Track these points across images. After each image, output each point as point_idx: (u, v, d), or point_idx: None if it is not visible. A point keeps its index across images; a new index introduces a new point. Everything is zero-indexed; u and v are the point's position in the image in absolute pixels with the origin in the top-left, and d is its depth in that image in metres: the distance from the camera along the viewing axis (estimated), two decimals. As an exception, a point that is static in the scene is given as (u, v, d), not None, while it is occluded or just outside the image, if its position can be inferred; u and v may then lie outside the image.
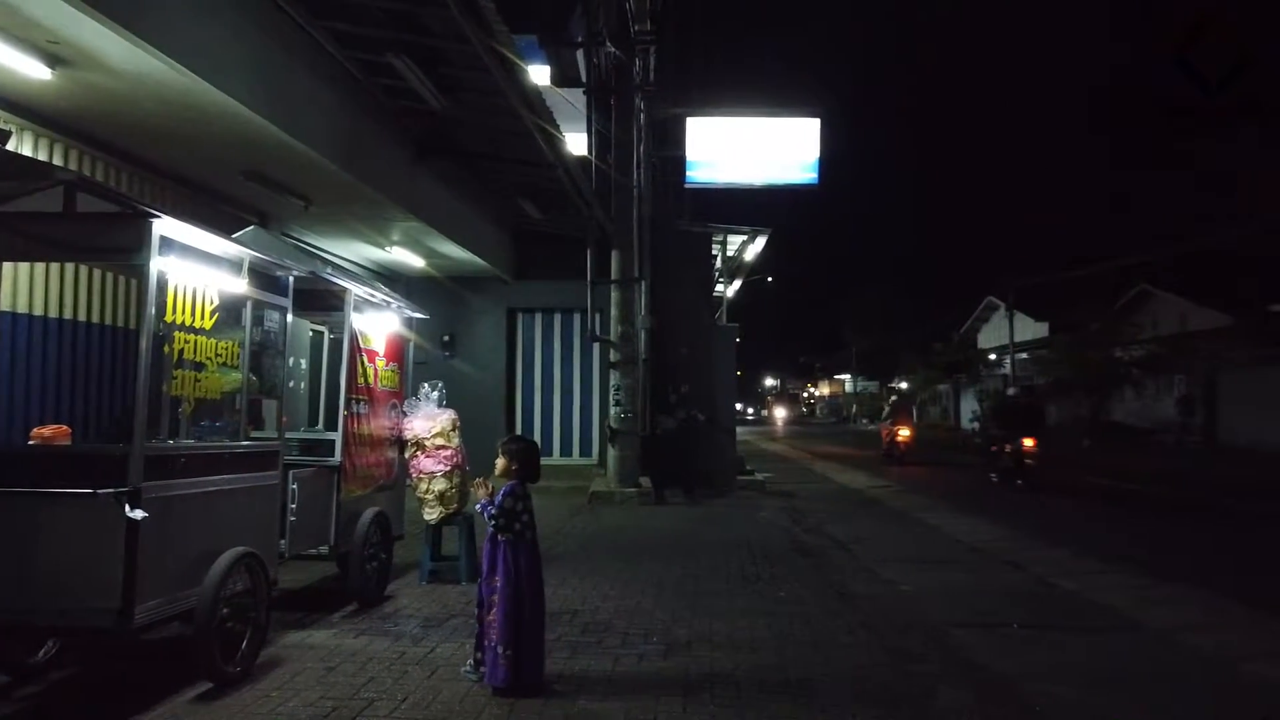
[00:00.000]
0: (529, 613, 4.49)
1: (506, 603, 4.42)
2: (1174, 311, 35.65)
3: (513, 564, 4.48)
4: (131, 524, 4.02)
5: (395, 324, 7.41)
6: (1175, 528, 11.75)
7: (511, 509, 4.54)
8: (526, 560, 4.55)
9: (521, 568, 4.51)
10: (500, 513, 4.51)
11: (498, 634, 4.40)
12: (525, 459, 4.71)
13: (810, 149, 17.26)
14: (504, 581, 4.46)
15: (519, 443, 4.81)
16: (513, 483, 4.63)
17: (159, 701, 4.27)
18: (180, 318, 4.52)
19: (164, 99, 7.02)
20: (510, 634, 4.39)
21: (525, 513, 4.59)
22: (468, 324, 17.11)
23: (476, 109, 10.80)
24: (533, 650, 4.50)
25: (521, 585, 4.48)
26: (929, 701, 4.46)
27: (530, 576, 4.55)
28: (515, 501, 4.57)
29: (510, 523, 4.52)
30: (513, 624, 4.41)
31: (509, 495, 4.57)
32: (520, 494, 4.61)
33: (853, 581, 7.61)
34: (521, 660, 4.41)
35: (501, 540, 4.51)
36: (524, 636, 4.44)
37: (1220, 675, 5.34)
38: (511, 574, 4.47)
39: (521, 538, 4.55)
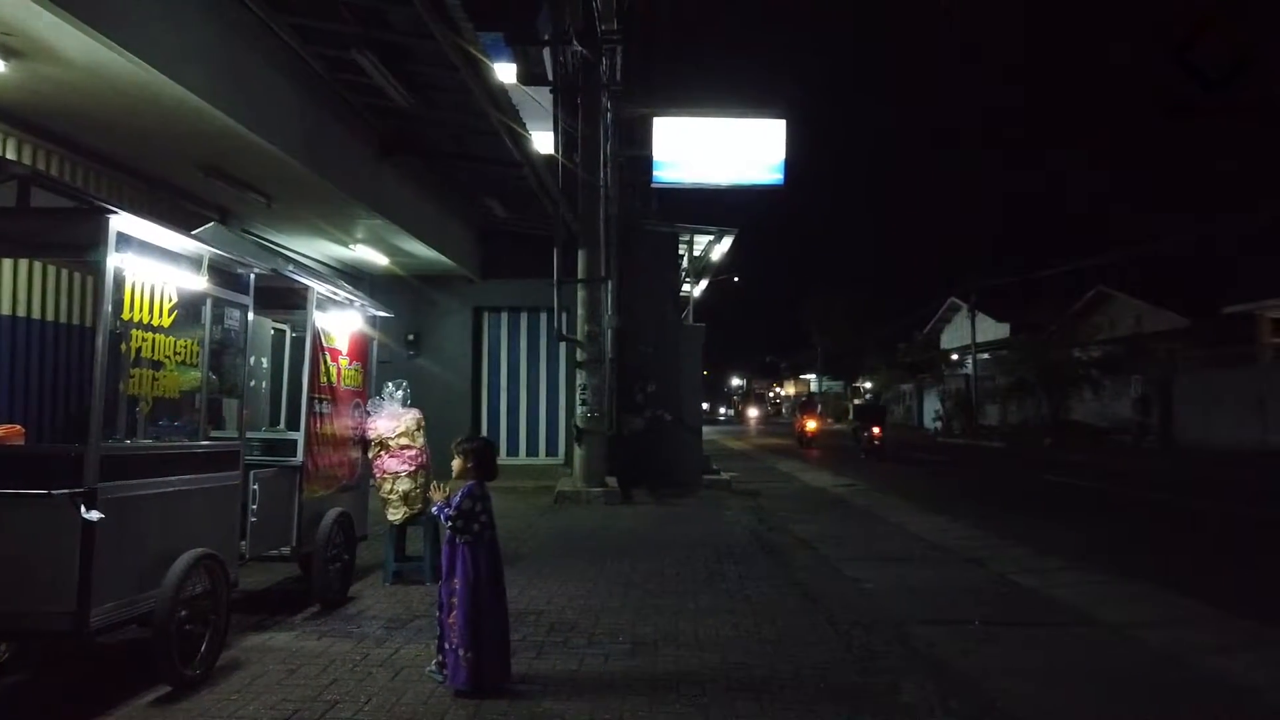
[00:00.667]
0: (490, 614, 4.47)
1: (467, 605, 4.39)
2: (1130, 313, 36.40)
3: (472, 566, 4.46)
4: (87, 525, 3.94)
5: (359, 322, 7.34)
6: (1129, 526, 11.98)
7: (470, 510, 4.52)
8: (487, 561, 4.52)
9: (482, 569, 4.48)
10: (458, 514, 4.49)
11: (458, 637, 4.37)
12: (481, 458, 4.69)
13: (776, 150, 17.38)
14: (463, 584, 4.43)
15: (474, 441, 4.79)
16: (470, 483, 4.60)
17: (116, 706, 4.20)
18: (138, 315, 4.44)
19: (121, 92, 6.89)
20: (471, 636, 4.36)
21: (484, 513, 4.57)
22: (433, 323, 17.00)
23: (442, 106, 10.72)
24: (496, 652, 4.48)
25: (482, 587, 4.46)
26: (892, 697, 4.50)
27: (491, 578, 4.53)
28: (474, 503, 4.54)
29: (469, 524, 4.50)
30: (473, 626, 4.38)
31: (467, 496, 4.54)
32: (479, 494, 4.58)
33: (817, 579, 7.67)
34: (483, 662, 4.39)
35: (460, 542, 4.48)
36: (485, 638, 4.41)
37: (1173, 670, 5.45)
38: (471, 576, 4.44)
39: (480, 539, 4.52)
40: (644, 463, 14.37)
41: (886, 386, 55.53)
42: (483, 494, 4.61)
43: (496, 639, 4.50)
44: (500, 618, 4.56)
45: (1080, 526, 11.68)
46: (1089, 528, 11.59)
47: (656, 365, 15.40)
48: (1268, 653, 5.79)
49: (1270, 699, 4.92)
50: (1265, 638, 6.09)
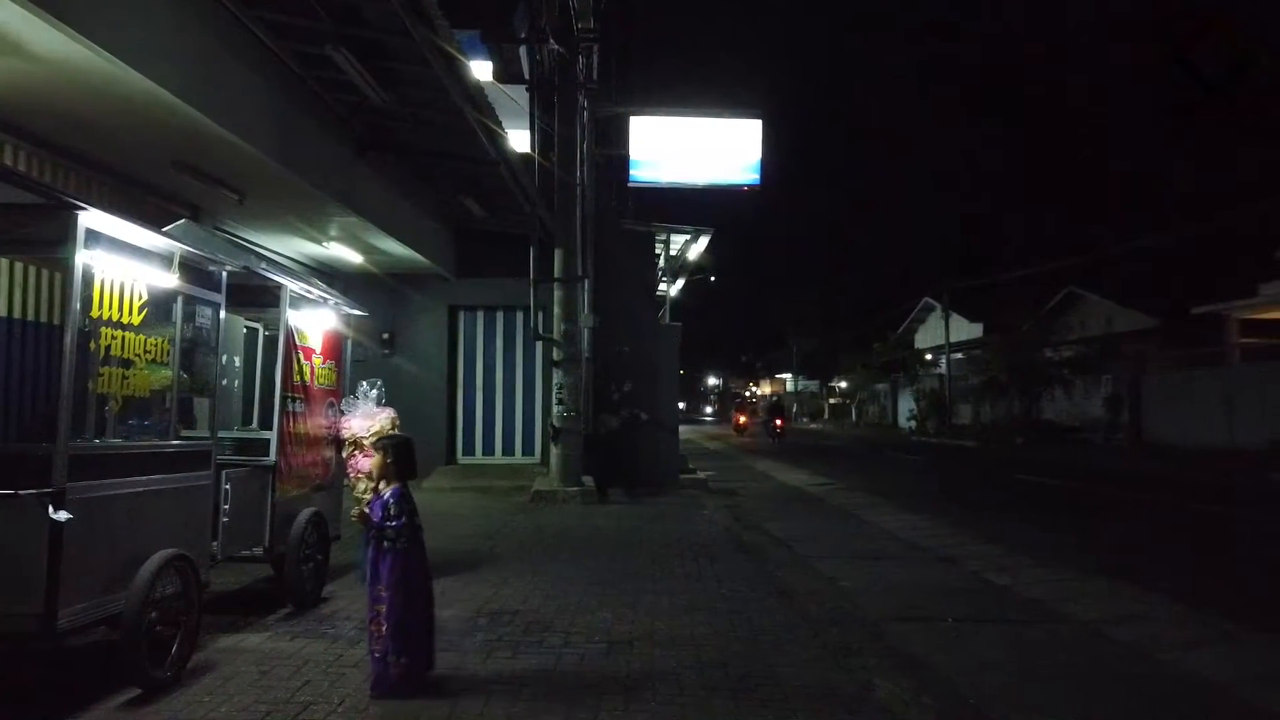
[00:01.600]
0: (421, 618, 4.47)
1: (401, 611, 4.37)
2: (1101, 314, 36.87)
3: (404, 571, 4.42)
4: (55, 526, 3.89)
5: (333, 321, 7.28)
6: (1098, 524, 12.14)
7: (411, 510, 4.50)
8: (418, 565, 4.51)
9: (414, 574, 4.47)
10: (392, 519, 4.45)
11: (391, 642, 4.35)
12: (401, 455, 4.65)
13: (752, 150, 17.43)
14: (398, 590, 4.39)
15: (394, 438, 4.78)
16: (396, 488, 4.56)
17: (84, 709, 4.14)
18: (107, 313, 4.38)
19: (91, 87, 6.78)
20: (403, 641, 4.35)
21: (414, 515, 4.55)
22: (408, 321, 16.88)
23: (418, 104, 10.65)
24: (424, 654, 4.49)
25: (415, 592, 4.45)
26: (867, 695, 4.54)
27: (421, 582, 4.52)
28: (408, 503, 4.52)
29: (401, 529, 4.46)
30: (407, 632, 4.37)
31: (397, 501, 4.50)
32: (406, 495, 4.55)
33: (793, 578, 7.71)
34: (414, 666, 4.39)
35: (393, 548, 4.43)
36: (416, 642, 4.42)
37: (1144, 665, 5.53)
38: (403, 581, 4.41)
39: (415, 542, 4.50)
40: (620, 462, 14.36)
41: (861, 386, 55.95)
42: (408, 495, 4.59)
43: (425, 642, 4.51)
44: (429, 621, 4.57)
45: (1051, 524, 11.81)
46: (1059, 526, 11.73)
47: (633, 364, 15.39)
48: (1236, 648, 5.89)
49: (1239, 693, 5.00)
50: (1233, 633, 6.19)
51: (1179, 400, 27.22)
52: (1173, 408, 27.47)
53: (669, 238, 18.41)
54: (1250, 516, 12.27)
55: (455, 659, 5.03)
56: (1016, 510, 13.45)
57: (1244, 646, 5.93)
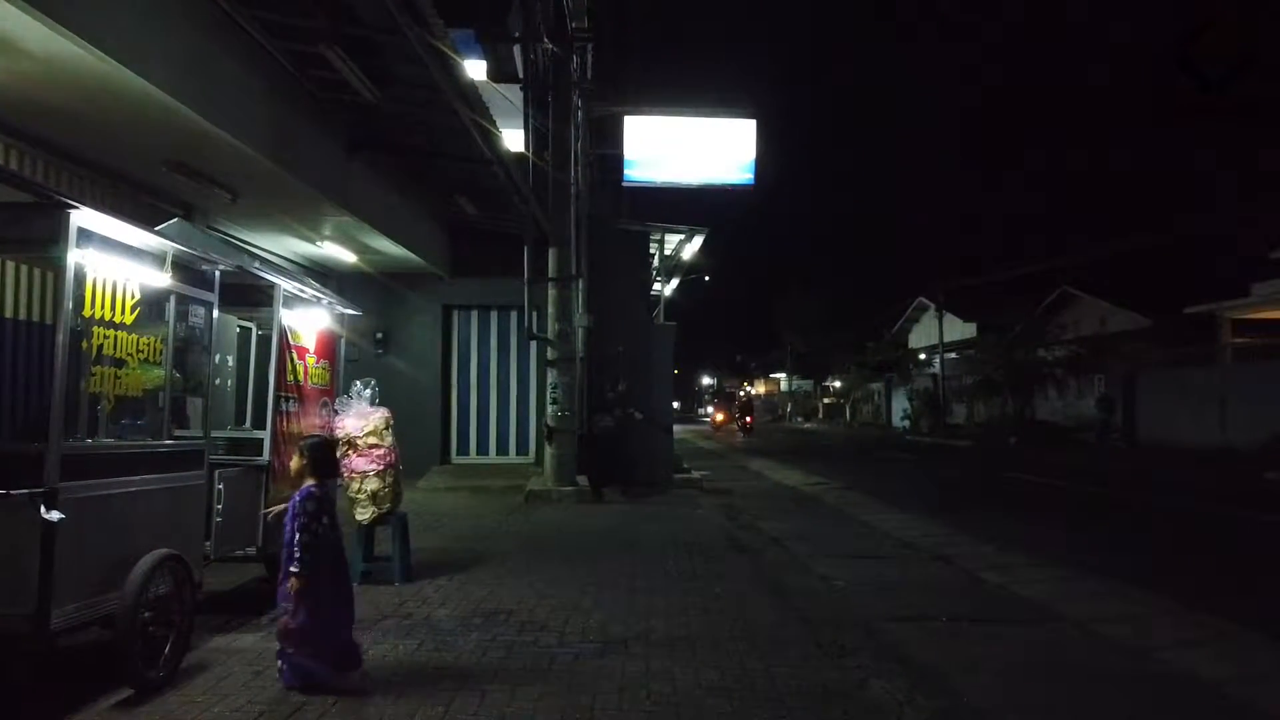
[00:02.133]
0: (329, 614, 4.46)
1: (308, 608, 4.38)
2: (1094, 313, 36.99)
3: (310, 567, 4.42)
4: (48, 526, 3.87)
5: (326, 320, 7.27)
6: (1091, 523, 12.17)
7: (314, 512, 4.49)
8: (330, 564, 4.52)
9: (323, 573, 4.46)
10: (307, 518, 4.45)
11: (296, 638, 4.37)
12: (316, 456, 4.68)
13: (747, 149, 17.43)
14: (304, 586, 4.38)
15: (311, 439, 4.82)
16: (309, 486, 4.57)
17: (78, 709, 4.13)
18: (99, 312, 4.36)
19: (82, 86, 6.76)
20: (309, 635, 4.37)
21: (325, 514, 4.55)
22: (402, 321, 16.86)
23: (412, 103, 10.63)
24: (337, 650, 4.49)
25: (323, 589, 4.44)
26: (861, 694, 4.54)
27: (332, 579, 4.53)
28: (316, 504, 4.52)
29: (310, 524, 4.46)
30: (314, 629, 4.38)
31: (308, 499, 4.51)
32: (319, 496, 4.56)
33: (787, 577, 7.71)
34: (323, 660, 4.40)
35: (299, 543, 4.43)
36: (327, 638, 4.42)
37: (1137, 664, 5.54)
38: (310, 578, 4.40)
39: (324, 540, 4.50)
40: (615, 461, 14.35)
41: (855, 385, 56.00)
42: (323, 495, 4.59)
43: (341, 635, 4.52)
44: (345, 614, 4.60)
45: (1044, 524, 11.84)
46: (1053, 525, 11.76)
47: (627, 364, 15.38)
48: (1229, 647, 5.91)
49: (1231, 691, 5.02)
50: (1226, 633, 6.21)
51: (1172, 400, 27.27)
52: (1166, 407, 27.53)
53: (663, 237, 18.40)
54: (1244, 516, 12.30)
55: (450, 658, 5.02)
56: (1010, 510, 13.48)
57: (1237, 646, 5.94)
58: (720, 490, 15.32)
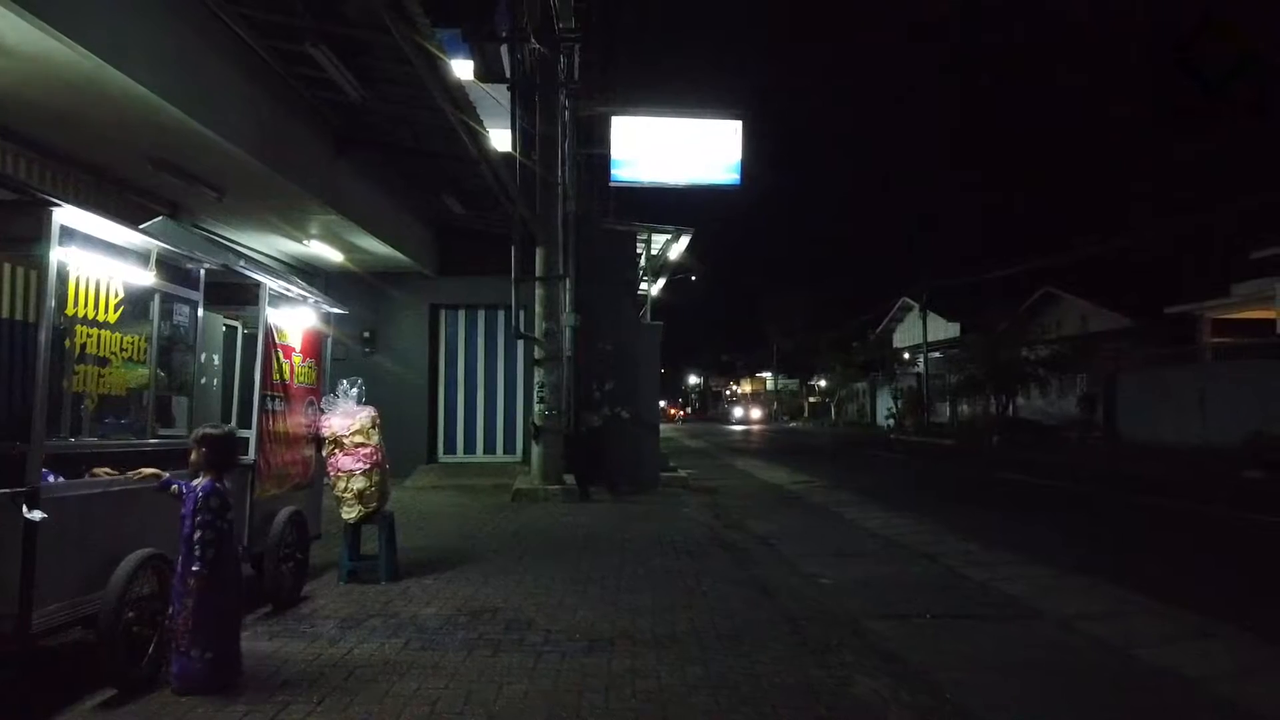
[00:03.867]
0: (227, 614, 4.46)
1: (207, 606, 4.35)
2: (1076, 313, 37.28)
3: (212, 566, 4.39)
4: (29, 525, 3.84)
5: (313, 319, 7.24)
6: (1073, 521, 12.27)
7: (219, 508, 4.45)
8: (227, 561, 4.49)
9: (223, 570, 4.44)
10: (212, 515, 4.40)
11: (194, 637, 4.32)
12: (218, 448, 4.57)
13: (733, 150, 17.48)
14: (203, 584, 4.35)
15: (213, 430, 4.65)
16: (208, 482, 4.49)
17: (59, 710, 4.10)
18: (83, 311, 4.35)
19: (66, 83, 6.72)
20: (208, 636, 4.33)
21: (228, 509, 4.51)
22: (389, 320, 16.82)
23: (399, 102, 10.61)
24: (231, 648, 4.48)
25: (227, 586, 4.44)
26: (847, 691, 4.57)
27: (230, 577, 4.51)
28: (221, 500, 4.47)
29: (215, 520, 4.41)
30: (214, 627, 4.36)
31: (212, 494, 4.45)
32: (222, 491, 4.50)
33: (773, 575, 7.74)
34: (219, 661, 4.37)
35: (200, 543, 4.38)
36: (224, 637, 4.41)
37: (1120, 661, 5.59)
38: (209, 577, 4.37)
39: (225, 537, 4.47)
40: (602, 460, 14.36)
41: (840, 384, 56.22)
42: (226, 490, 4.54)
43: (230, 637, 4.50)
44: (236, 615, 4.58)
45: (1027, 521, 11.93)
46: (1036, 523, 11.85)
47: (614, 363, 15.39)
48: (1212, 644, 5.97)
49: (1214, 688, 5.07)
50: (1209, 630, 6.27)
51: (1153, 399, 27.53)
52: (1147, 406, 27.79)
53: (650, 237, 18.43)
54: (1224, 513, 12.43)
55: (436, 657, 5.02)
56: (993, 507, 13.58)
57: (1219, 642, 6.01)
58: (707, 489, 15.35)
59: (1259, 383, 22.86)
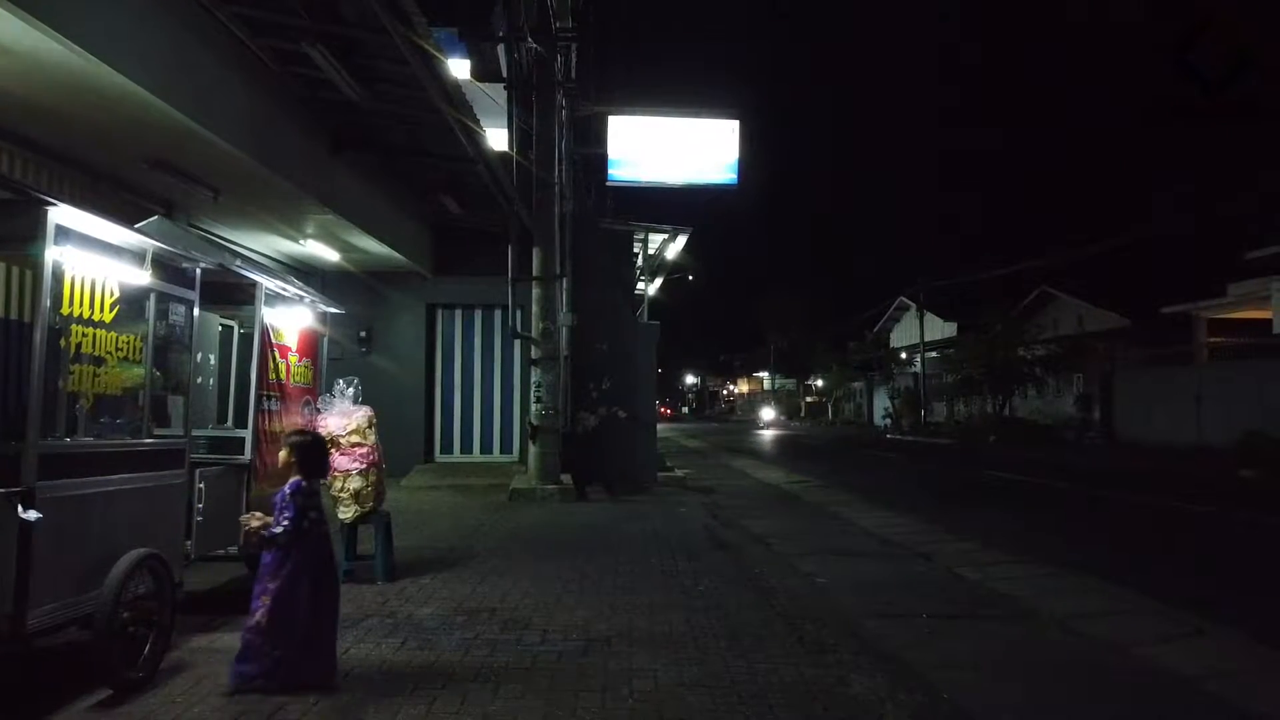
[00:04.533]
0: (309, 614, 4.41)
1: (280, 605, 4.35)
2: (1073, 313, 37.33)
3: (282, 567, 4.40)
4: (24, 525, 3.84)
5: (309, 319, 7.24)
6: (1070, 520, 12.29)
7: (301, 506, 4.46)
8: (306, 562, 4.46)
9: (303, 569, 4.42)
10: (294, 513, 4.42)
11: (264, 635, 4.33)
12: (305, 454, 4.62)
13: (730, 150, 17.49)
14: (280, 585, 4.36)
15: (302, 436, 4.74)
16: (293, 481, 4.54)
17: (55, 710, 4.09)
18: (78, 310, 4.33)
19: (61, 82, 6.70)
20: (276, 637, 4.32)
21: (313, 509, 4.51)
22: (386, 320, 16.80)
23: (396, 101, 10.60)
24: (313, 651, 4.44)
25: (300, 587, 4.41)
26: (843, 691, 4.57)
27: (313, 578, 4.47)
28: (305, 499, 4.49)
29: (299, 523, 4.43)
30: (286, 625, 4.34)
31: (296, 494, 4.48)
32: (308, 490, 4.52)
33: (770, 575, 7.74)
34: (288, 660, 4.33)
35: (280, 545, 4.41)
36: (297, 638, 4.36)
37: (1116, 659, 5.60)
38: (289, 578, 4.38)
39: (307, 538, 4.47)
40: (599, 460, 14.37)
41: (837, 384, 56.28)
42: (312, 490, 4.55)
43: (315, 639, 4.44)
44: (323, 617, 4.51)
45: (1024, 521, 11.94)
46: (1032, 522, 11.86)
47: (611, 363, 15.40)
48: (1207, 643, 5.98)
49: (1210, 687, 5.08)
50: (1204, 629, 6.28)
51: (1149, 399, 27.58)
52: (1143, 406, 27.83)
53: (647, 236, 18.44)
54: (1220, 513, 12.45)
55: (433, 657, 5.02)
56: (990, 507, 13.59)
57: (1214, 641, 6.02)
58: (704, 488, 15.36)
59: (1255, 383, 22.90)
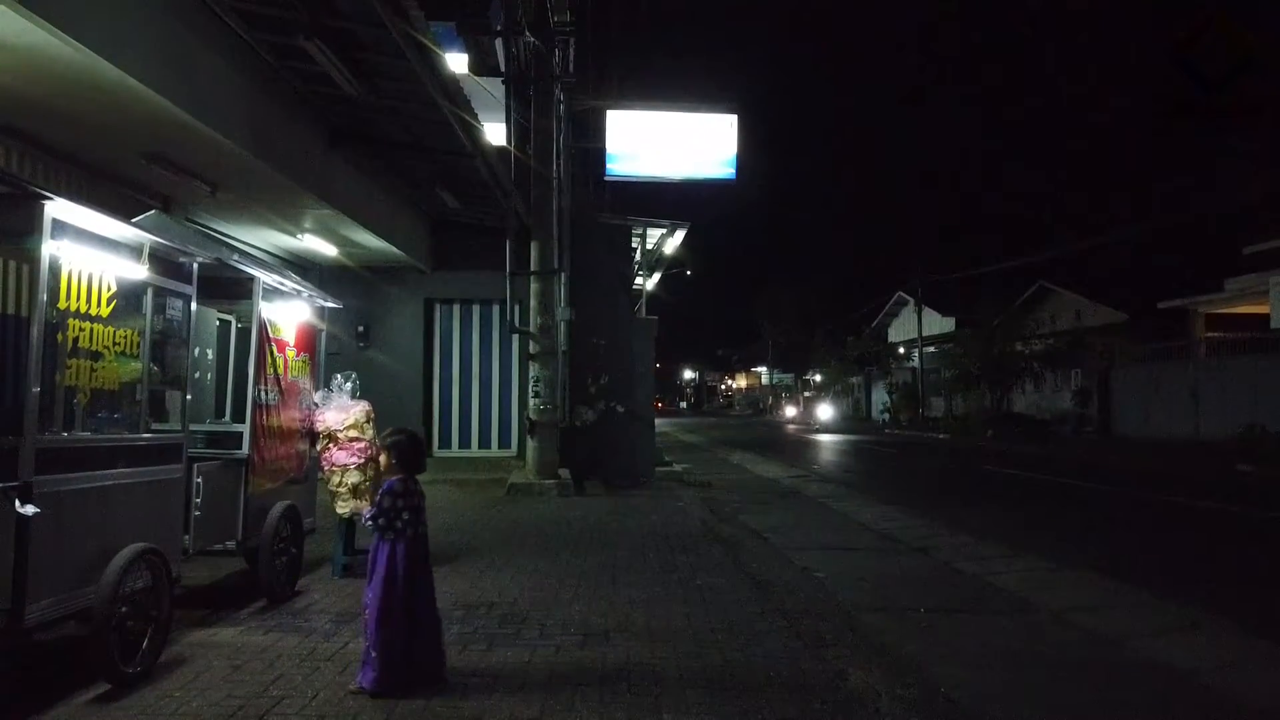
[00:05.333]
0: (410, 612, 4.39)
1: (378, 604, 4.34)
2: (1071, 308, 37.35)
3: (387, 564, 4.39)
4: (22, 520, 3.84)
5: (306, 313, 7.23)
6: (1067, 515, 12.31)
7: (391, 508, 4.45)
8: (405, 560, 4.44)
9: (398, 568, 4.40)
10: (379, 513, 4.43)
11: (369, 635, 4.32)
12: (402, 452, 4.61)
13: (728, 145, 17.49)
14: (379, 582, 4.36)
15: (397, 435, 4.70)
16: (391, 480, 4.54)
17: (53, 705, 4.09)
18: (75, 305, 4.32)
19: (58, 76, 6.69)
20: (378, 635, 4.30)
21: (406, 510, 4.49)
22: (384, 314, 16.80)
23: (393, 96, 10.57)
24: (420, 651, 4.41)
25: (397, 586, 4.38)
26: (840, 684, 4.58)
27: (409, 576, 4.44)
28: (394, 499, 4.47)
29: (391, 521, 4.43)
30: (383, 625, 4.31)
31: (387, 494, 4.47)
32: (399, 491, 4.50)
33: (768, 569, 7.75)
34: (395, 661, 4.30)
35: (382, 541, 4.42)
36: (398, 638, 4.33)
37: (1112, 653, 5.62)
38: (385, 574, 4.37)
39: (402, 535, 4.45)
40: (597, 455, 14.38)
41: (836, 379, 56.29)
42: (404, 491, 4.52)
43: (418, 638, 4.42)
44: (427, 616, 4.49)
45: (1020, 515, 11.97)
46: (1029, 517, 11.89)
47: (609, 358, 15.40)
48: (1202, 636, 6.00)
49: (1204, 679, 5.10)
50: (1199, 622, 6.30)
51: (1146, 393, 27.63)
52: (1140, 401, 27.88)
53: (645, 231, 18.42)
54: (1216, 507, 12.48)
55: (430, 652, 5.01)
56: (987, 501, 13.62)
57: (1209, 634, 6.04)
58: (701, 483, 15.37)
59: (1252, 377, 22.94)
